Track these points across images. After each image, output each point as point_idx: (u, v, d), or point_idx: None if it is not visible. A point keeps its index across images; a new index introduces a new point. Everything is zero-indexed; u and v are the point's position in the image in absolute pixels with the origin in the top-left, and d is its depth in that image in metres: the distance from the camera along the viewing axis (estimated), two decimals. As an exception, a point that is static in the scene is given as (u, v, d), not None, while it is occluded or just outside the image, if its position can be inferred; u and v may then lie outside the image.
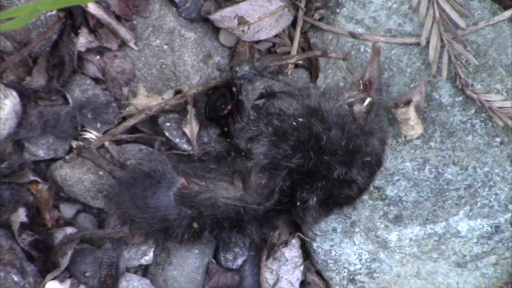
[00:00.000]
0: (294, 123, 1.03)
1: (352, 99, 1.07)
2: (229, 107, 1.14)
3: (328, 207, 1.08)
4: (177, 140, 1.22)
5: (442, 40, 1.18)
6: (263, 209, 1.06)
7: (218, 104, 1.16)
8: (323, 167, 1.02)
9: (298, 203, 1.05)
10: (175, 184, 1.08)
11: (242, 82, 1.13)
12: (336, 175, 1.02)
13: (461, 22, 1.19)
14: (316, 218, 1.08)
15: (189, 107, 1.20)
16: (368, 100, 1.07)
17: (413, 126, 1.16)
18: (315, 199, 1.04)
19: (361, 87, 1.09)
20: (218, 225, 1.08)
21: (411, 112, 1.14)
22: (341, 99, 1.07)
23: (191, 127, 1.20)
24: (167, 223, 1.08)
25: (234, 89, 1.16)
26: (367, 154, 1.05)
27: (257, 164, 1.05)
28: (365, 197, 1.22)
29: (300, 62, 1.26)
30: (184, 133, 1.21)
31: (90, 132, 1.19)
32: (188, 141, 1.21)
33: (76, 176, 1.20)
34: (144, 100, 1.20)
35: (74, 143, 1.17)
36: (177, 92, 1.20)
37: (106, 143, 1.19)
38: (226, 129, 1.18)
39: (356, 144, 1.03)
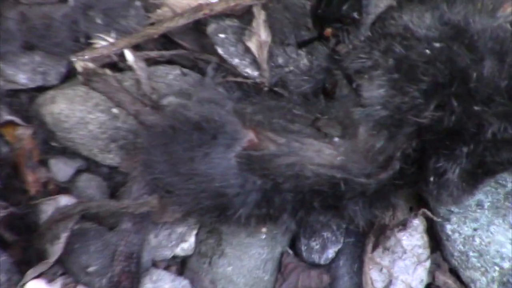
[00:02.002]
0: (427, 50, 0.89)
1: (517, 16, 0.93)
2: (357, 16, 0.98)
3: (475, 181, 0.93)
4: (236, 60, 1.01)
5: None
6: (375, 184, 0.91)
7: (345, 6, 1.00)
8: (472, 123, 0.88)
9: (431, 177, 0.91)
10: (239, 141, 0.93)
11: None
12: (491, 133, 0.88)
13: None
14: (457, 197, 0.94)
15: (255, 9, 0.99)
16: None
17: None
18: (457, 170, 0.90)
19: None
20: (304, 204, 0.93)
21: None
22: (500, 15, 0.92)
23: (259, 41, 0.99)
24: (224, 199, 0.93)
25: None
26: None
27: (370, 116, 0.91)
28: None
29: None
30: (247, 50, 1.00)
31: (104, 39, 0.99)
32: (254, 63, 1.00)
33: (77, 115, 1.01)
34: (185, -2, 1.01)
35: (79, 63, 0.97)
36: (238, -13, 1.02)
37: (130, 58, 0.98)
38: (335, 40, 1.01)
39: None
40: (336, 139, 0.95)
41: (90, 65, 0.98)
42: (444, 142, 0.90)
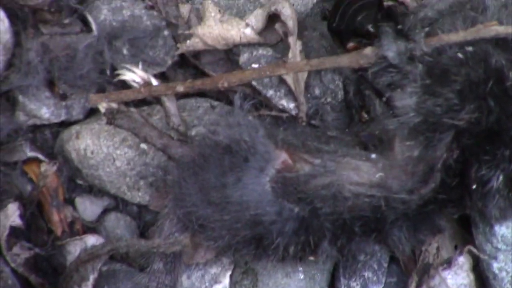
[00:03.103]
0: (459, 54, 0.89)
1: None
2: (372, 29, 0.92)
3: None
4: (270, 92, 0.98)
5: None
6: (418, 200, 0.89)
7: (359, 17, 0.95)
8: None
9: (474, 186, 0.89)
10: (272, 162, 0.91)
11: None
12: None
13: None
14: (504, 209, 0.91)
15: (291, 39, 0.96)
16: None
17: None
18: (501, 177, 0.88)
19: None
20: (345, 230, 0.91)
21: None
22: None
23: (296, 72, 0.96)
24: (260, 228, 0.91)
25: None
26: None
27: (404, 124, 0.90)
28: None
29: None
30: (281, 81, 0.97)
31: (131, 71, 0.95)
32: (289, 94, 0.98)
33: (104, 150, 1.00)
34: (217, 28, 0.98)
35: (102, 104, 0.95)
36: (273, 15, 0.97)
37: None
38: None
39: None
40: (374, 155, 0.93)
41: (114, 105, 0.96)
42: (484, 146, 0.88)
